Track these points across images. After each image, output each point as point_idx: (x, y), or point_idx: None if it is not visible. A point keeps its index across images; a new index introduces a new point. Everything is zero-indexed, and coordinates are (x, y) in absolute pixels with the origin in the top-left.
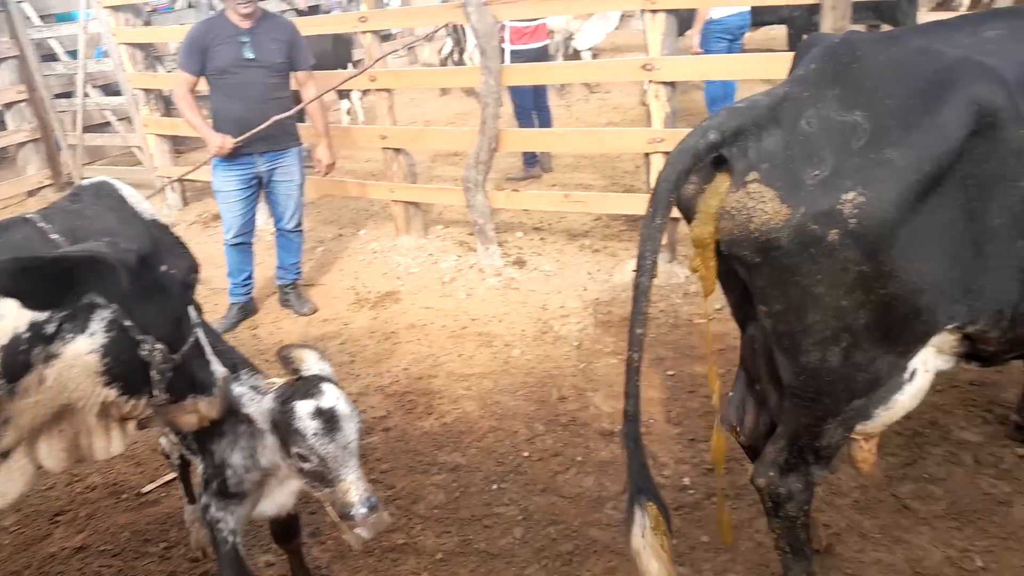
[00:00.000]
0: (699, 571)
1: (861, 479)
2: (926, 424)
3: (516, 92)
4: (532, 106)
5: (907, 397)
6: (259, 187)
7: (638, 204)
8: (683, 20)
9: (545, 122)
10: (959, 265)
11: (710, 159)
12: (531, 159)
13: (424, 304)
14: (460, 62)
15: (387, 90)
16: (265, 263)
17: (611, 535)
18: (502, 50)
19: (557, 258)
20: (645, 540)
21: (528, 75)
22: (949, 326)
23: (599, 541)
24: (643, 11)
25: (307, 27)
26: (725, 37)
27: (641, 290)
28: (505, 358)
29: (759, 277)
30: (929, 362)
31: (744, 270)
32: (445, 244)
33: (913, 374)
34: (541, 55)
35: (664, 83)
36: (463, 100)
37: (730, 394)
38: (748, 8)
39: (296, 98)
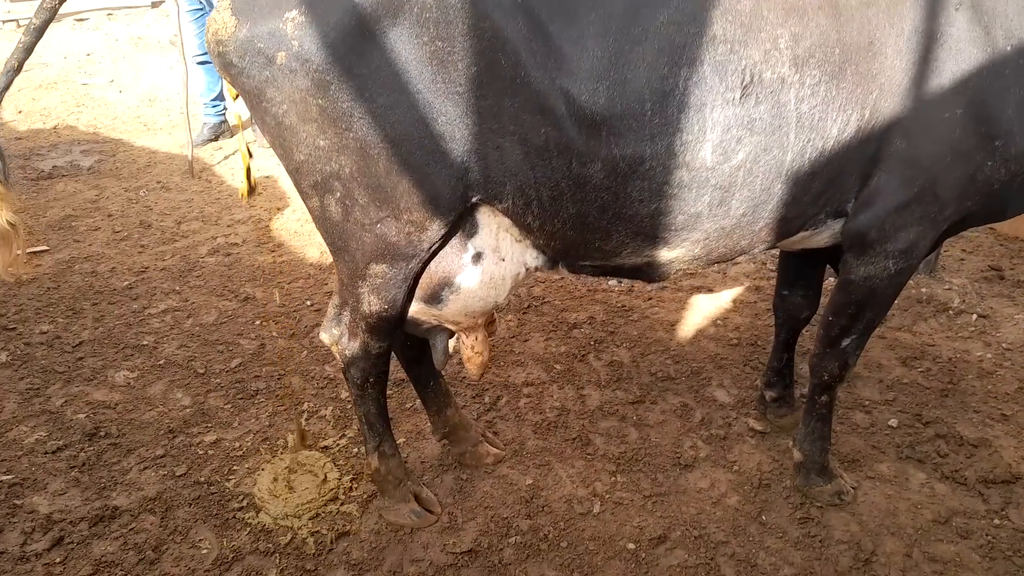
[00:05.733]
0: None
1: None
2: (695, 370)
3: None
4: None
5: (475, 284)
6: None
7: None
8: None
9: None
10: (441, 121)
11: None
12: None
13: None
14: None
15: None
16: None
17: None
18: None
19: None
20: None
21: None
22: (475, 199)
23: None
24: None
25: None
26: None
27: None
28: None
29: (245, 99)
30: (503, 249)
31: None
32: None
33: (479, 257)
34: None
35: None
36: None
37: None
38: None
39: None
